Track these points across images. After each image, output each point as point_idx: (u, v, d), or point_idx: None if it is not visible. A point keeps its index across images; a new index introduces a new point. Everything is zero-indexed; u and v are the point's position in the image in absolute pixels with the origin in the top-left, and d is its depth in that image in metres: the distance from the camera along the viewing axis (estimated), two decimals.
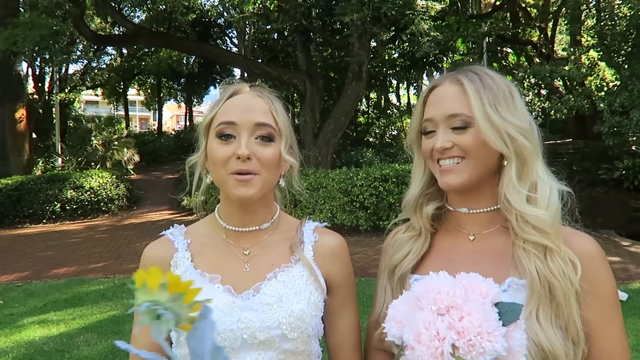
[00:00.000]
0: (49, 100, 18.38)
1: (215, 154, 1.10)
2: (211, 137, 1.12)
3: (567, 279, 0.97)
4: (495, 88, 1.06)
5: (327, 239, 1.24)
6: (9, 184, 11.73)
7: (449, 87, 1.09)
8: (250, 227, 1.18)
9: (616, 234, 9.15)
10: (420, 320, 0.87)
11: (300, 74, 13.01)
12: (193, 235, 1.22)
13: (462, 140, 1.05)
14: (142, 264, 1.20)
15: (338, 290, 1.20)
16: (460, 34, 12.33)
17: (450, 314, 0.86)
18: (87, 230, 10.80)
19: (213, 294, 1.09)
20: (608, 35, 10.64)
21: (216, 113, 1.13)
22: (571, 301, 0.97)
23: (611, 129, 9.33)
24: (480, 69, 1.12)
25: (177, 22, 18.00)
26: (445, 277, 0.92)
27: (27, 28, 9.65)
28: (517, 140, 1.03)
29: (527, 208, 1.02)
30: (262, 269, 1.15)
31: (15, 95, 13.97)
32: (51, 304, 5.82)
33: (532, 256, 1.01)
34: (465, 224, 1.14)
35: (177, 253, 1.17)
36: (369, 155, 16.04)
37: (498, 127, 1.03)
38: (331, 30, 14.57)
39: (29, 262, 8.05)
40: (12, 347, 4.60)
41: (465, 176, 1.06)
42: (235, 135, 1.09)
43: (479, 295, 0.87)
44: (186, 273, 1.14)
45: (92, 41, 15.20)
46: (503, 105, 1.05)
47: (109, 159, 16.13)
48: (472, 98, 1.04)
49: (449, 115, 1.06)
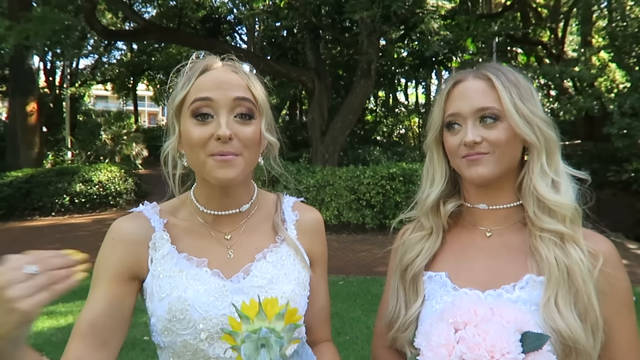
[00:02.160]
0: (59, 94, 18.53)
1: (191, 136, 1.01)
2: (185, 117, 1.03)
3: (585, 266, 0.99)
4: (518, 83, 1.08)
5: (307, 215, 1.22)
6: (19, 177, 11.85)
7: (475, 81, 1.09)
8: (230, 210, 1.13)
9: (624, 237, 9.10)
10: (436, 331, 0.89)
11: (308, 72, 13.02)
12: (168, 215, 1.13)
13: (492, 135, 1.06)
14: (109, 237, 1.08)
15: (317, 265, 1.20)
16: (470, 34, 12.28)
17: (465, 329, 0.86)
18: (95, 224, 10.89)
19: (202, 278, 1.05)
20: (619, 36, 10.56)
21: (188, 91, 1.03)
22: (590, 286, 0.98)
23: (621, 131, 9.27)
24: (500, 65, 1.13)
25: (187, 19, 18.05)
26: (477, 299, 0.93)
27: (40, 22, 9.71)
28: (545, 132, 1.07)
29: (551, 195, 1.05)
30: (246, 253, 1.11)
31: (27, 89, 14.08)
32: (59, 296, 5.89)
33: (549, 244, 1.03)
34: (482, 220, 1.15)
35: (155, 233, 1.09)
36: (376, 153, 16.02)
37: (529, 119, 1.06)
38: (340, 28, 14.57)
39: None
40: None
41: (493, 168, 1.07)
42: (212, 114, 1.02)
43: (500, 318, 0.87)
44: (168, 256, 1.07)
45: (103, 36, 15.30)
46: (527, 99, 1.07)
47: (117, 154, 16.27)
48: (502, 92, 1.06)
49: (479, 109, 1.07)
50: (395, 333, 1.13)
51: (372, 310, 5.21)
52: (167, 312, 1.01)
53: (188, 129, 1.02)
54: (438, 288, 1.11)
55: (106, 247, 1.07)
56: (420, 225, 1.20)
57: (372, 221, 9.20)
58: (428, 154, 1.21)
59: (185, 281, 1.03)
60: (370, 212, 9.21)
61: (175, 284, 1.03)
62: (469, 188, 1.16)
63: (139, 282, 1.08)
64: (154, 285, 1.05)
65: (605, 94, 11.33)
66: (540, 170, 1.07)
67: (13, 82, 14.18)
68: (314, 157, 12.08)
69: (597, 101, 10.44)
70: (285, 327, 0.91)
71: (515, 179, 1.12)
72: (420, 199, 1.19)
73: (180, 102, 1.05)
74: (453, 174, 1.18)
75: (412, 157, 16.13)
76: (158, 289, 1.04)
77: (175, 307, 1.01)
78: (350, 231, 9.30)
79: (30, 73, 14.52)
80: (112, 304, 1.04)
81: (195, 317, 1.01)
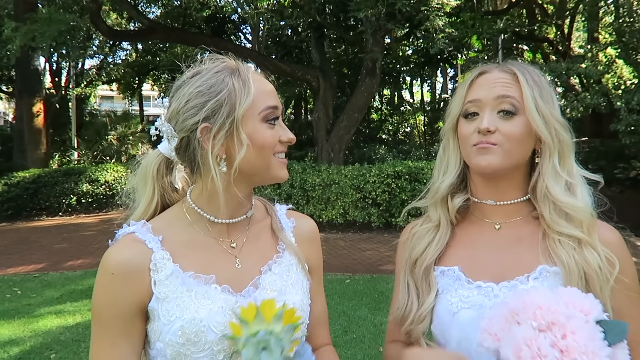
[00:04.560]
0: (65, 95, 18.58)
1: (268, 139, 1.04)
2: (254, 122, 1.03)
3: (603, 273, 1.00)
4: (541, 83, 1.09)
5: (304, 223, 1.23)
6: (27, 177, 11.91)
7: (501, 73, 1.10)
8: (239, 218, 1.11)
9: (632, 234, 9.04)
10: (521, 336, 0.81)
11: (313, 70, 13.01)
12: (162, 231, 1.06)
13: (506, 127, 1.06)
14: (106, 273, 0.99)
15: (314, 273, 1.20)
16: (475, 31, 12.23)
17: (552, 331, 0.81)
18: (102, 223, 10.95)
19: (212, 296, 1.00)
20: (626, 32, 10.46)
21: (254, 98, 1.02)
22: (606, 293, 0.99)
23: (628, 128, 9.19)
24: (527, 65, 1.15)
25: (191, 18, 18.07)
26: (543, 292, 0.88)
27: (45, 23, 9.75)
28: (561, 134, 1.08)
29: (566, 198, 1.05)
30: (253, 262, 1.10)
31: (33, 90, 14.15)
32: (67, 295, 5.93)
33: (567, 247, 1.03)
34: (491, 214, 1.15)
35: (154, 254, 1.01)
36: (381, 152, 16.01)
37: (547, 118, 1.06)
38: (345, 26, 14.54)
39: (46, 254, 8.19)
40: (29, 337, 4.70)
41: (501, 160, 1.06)
42: (276, 118, 1.07)
43: (580, 312, 0.82)
44: (172, 276, 1.01)
45: (108, 36, 15.33)
46: (548, 100, 1.08)
47: (123, 154, 16.31)
48: (525, 87, 1.07)
49: (499, 96, 1.07)
50: (410, 326, 1.13)
51: (378, 308, 5.20)
52: (180, 335, 0.96)
53: (263, 133, 1.03)
54: (452, 282, 1.11)
55: (107, 285, 0.99)
56: (428, 218, 1.21)
57: (378, 220, 9.19)
58: (444, 141, 1.20)
59: (195, 301, 0.99)
60: (376, 211, 9.20)
61: (185, 306, 0.98)
62: (476, 182, 1.16)
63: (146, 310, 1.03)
64: (160, 309, 0.99)
65: (613, 90, 11.25)
66: (553, 172, 1.07)
67: (19, 83, 14.25)
68: (319, 155, 12.07)
69: (604, 98, 10.37)
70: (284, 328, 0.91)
71: (523, 179, 1.12)
72: (433, 188, 1.19)
73: (247, 107, 1.01)
74: (463, 165, 1.18)
75: (417, 155, 16.10)
76: (165, 312, 0.98)
77: (189, 330, 0.96)
78: (356, 230, 9.29)
79: (36, 74, 14.59)
80: (135, 343, 1.01)
81: (211, 338, 0.97)
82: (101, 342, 1.00)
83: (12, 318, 5.18)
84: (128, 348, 1.00)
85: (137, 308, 1.00)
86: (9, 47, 10.06)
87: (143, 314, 1.01)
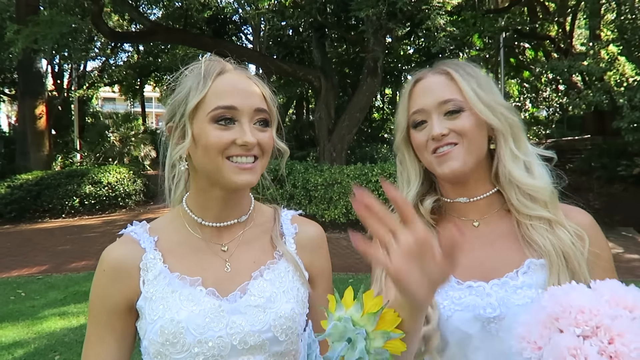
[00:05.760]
0: (67, 97, 18.64)
1: (211, 140, 0.98)
2: (202, 122, 1.00)
3: (577, 248, 1.03)
4: (476, 75, 1.12)
5: (307, 229, 1.18)
6: (29, 179, 11.95)
7: (435, 77, 1.12)
8: (228, 222, 1.09)
9: (635, 231, 9.01)
10: (564, 346, 0.73)
11: (315, 70, 13.00)
12: (159, 232, 1.09)
13: (457, 125, 1.07)
14: (100, 269, 1.05)
15: (319, 282, 1.15)
16: (476, 29, 12.19)
17: (598, 336, 0.73)
18: (104, 225, 10.97)
19: (196, 298, 1.00)
20: (628, 29, 10.43)
21: (205, 94, 1.00)
22: (584, 267, 1.02)
23: (631, 125, 9.17)
24: (457, 61, 1.18)
25: (193, 19, 18.09)
26: (583, 291, 0.79)
27: (47, 26, 9.78)
28: (509, 118, 1.10)
29: (528, 180, 1.07)
30: (244, 267, 1.07)
31: (35, 92, 14.19)
32: (71, 297, 5.95)
33: (543, 231, 1.05)
34: (466, 212, 1.16)
35: (146, 254, 1.04)
36: (383, 151, 15.98)
37: (491, 105, 1.08)
38: (346, 26, 14.52)
39: (49, 256, 8.21)
40: (33, 338, 4.72)
41: (464, 160, 1.08)
42: (235, 120, 1.00)
43: (624, 310, 0.75)
44: (160, 276, 1.02)
45: (109, 38, 15.36)
46: (487, 88, 1.11)
47: (126, 155, 16.35)
48: (462, 83, 1.09)
49: (441, 102, 1.09)
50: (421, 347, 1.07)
51: None
52: (160, 335, 0.97)
53: (207, 133, 0.99)
54: None
55: (100, 280, 1.05)
56: None
57: None
58: (398, 155, 1.21)
59: (178, 302, 0.99)
60: None
61: (168, 306, 0.99)
62: (444, 184, 1.17)
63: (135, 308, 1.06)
64: (147, 308, 1.00)
65: (615, 87, 11.22)
66: (511, 155, 1.09)
67: (22, 85, 14.30)
68: (321, 155, 12.07)
69: (607, 95, 10.34)
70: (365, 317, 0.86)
71: (487, 168, 1.14)
72: None
73: (196, 105, 1.00)
74: (426, 171, 1.19)
75: None
76: (150, 311, 1.00)
77: (168, 331, 0.97)
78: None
79: (38, 76, 14.64)
80: (120, 338, 1.04)
81: (189, 341, 0.97)
82: (91, 336, 1.04)
83: (16, 320, 5.19)
84: (113, 343, 1.03)
85: (125, 305, 1.03)
86: (11, 50, 10.13)
87: (132, 311, 1.04)
